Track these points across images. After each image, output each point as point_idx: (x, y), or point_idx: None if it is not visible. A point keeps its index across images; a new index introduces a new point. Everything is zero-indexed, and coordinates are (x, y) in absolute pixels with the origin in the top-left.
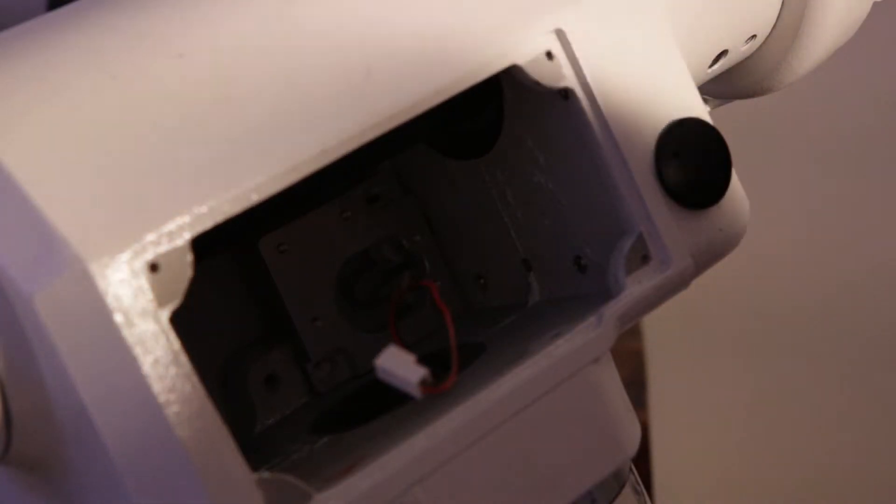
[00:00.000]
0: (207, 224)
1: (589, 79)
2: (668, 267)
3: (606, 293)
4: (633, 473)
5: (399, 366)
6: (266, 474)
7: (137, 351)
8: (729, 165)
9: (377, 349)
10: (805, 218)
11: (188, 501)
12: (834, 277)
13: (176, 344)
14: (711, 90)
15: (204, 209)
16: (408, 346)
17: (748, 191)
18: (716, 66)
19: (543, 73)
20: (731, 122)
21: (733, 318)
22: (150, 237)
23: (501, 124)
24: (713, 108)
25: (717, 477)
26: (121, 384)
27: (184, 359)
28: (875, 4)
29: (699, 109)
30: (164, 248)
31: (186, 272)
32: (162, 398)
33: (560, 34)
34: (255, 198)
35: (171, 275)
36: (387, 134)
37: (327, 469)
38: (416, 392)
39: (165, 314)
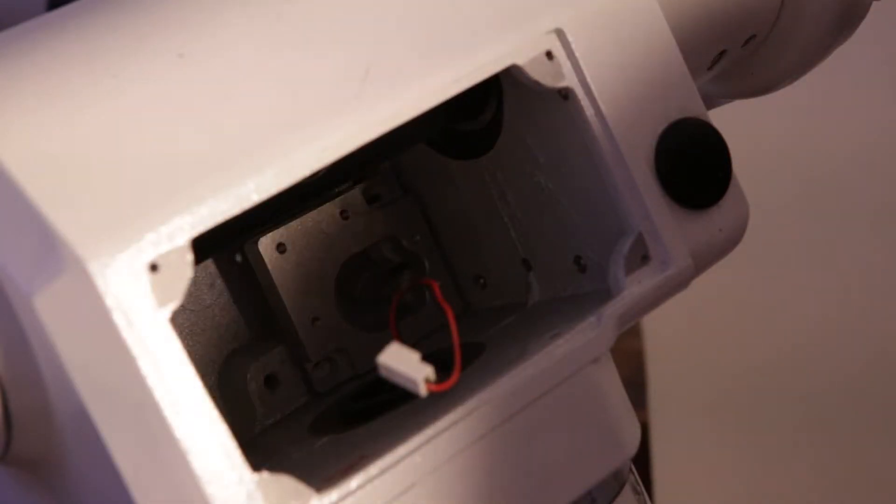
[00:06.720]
0: (207, 224)
1: (589, 79)
2: (668, 267)
3: (606, 293)
4: (633, 473)
5: (402, 363)
6: (266, 474)
7: (137, 351)
8: (729, 165)
9: (377, 349)
10: (805, 217)
11: (188, 501)
12: (837, 276)
13: (176, 344)
14: (711, 90)
15: (204, 209)
16: (407, 346)
17: (748, 191)
18: (715, 67)
19: (543, 73)
20: (731, 122)
21: (734, 319)
22: (150, 237)
23: (501, 124)
24: (713, 108)
25: (717, 477)
26: (121, 384)
27: (184, 359)
28: (875, 4)
29: (699, 109)
30: (164, 248)
31: (186, 272)
32: (162, 398)
33: (560, 34)
34: (255, 198)
35: (171, 275)
36: (387, 134)
37: (327, 469)
38: (420, 389)
39: (165, 314)
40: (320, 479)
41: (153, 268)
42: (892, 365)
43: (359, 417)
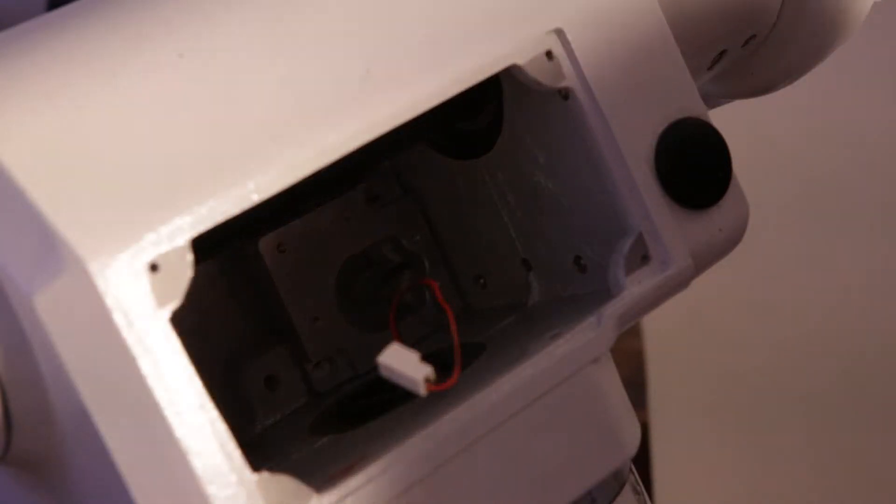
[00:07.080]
0: (207, 224)
1: (589, 79)
2: (668, 267)
3: (606, 293)
4: (633, 473)
5: (403, 363)
6: (266, 474)
7: (137, 351)
8: (729, 165)
9: (377, 349)
10: (805, 217)
11: (188, 501)
12: (837, 276)
13: (176, 344)
14: (711, 90)
15: (204, 209)
16: (407, 346)
17: (748, 191)
18: (715, 67)
19: (543, 73)
20: (731, 122)
21: (734, 319)
22: (150, 237)
23: (501, 124)
24: (713, 108)
25: (717, 477)
26: (121, 384)
27: (184, 359)
28: (875, 4)
29: (699, 109)
30: (164, 248)
31: (186, 272)
32: (162, 398)
33: (560, 34)
34: (255, 198)
35: (171, 275)
36: (387, 134)
37: (327, 469)
38: (420, 389)
39: (165, 314)
40: (320, 479)
41: (153, 268)
42: (892, 365)
43: (359, 417)
